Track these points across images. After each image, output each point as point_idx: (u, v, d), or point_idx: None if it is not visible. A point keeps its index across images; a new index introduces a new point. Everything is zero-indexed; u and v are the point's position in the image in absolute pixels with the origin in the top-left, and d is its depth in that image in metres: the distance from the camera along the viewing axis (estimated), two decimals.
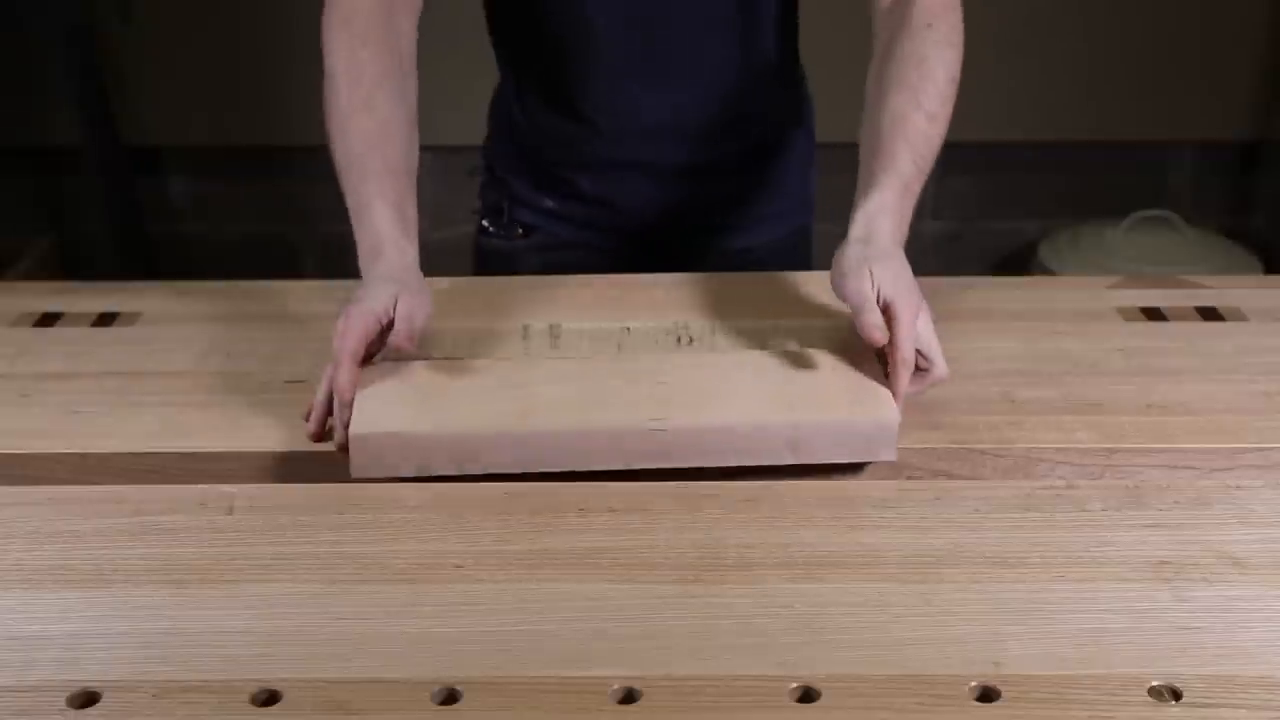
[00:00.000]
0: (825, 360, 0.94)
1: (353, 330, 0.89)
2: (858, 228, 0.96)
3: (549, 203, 1.30)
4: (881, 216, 0.96)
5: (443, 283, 1.11)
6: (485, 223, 1.36)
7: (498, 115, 1.33)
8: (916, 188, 0.99)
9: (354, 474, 0.87)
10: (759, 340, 1.01)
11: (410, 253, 0.96)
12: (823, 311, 1.05)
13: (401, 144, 1.00)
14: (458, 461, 0.87)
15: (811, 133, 1.35)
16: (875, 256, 0.93)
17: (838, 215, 1.09)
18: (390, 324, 0.91)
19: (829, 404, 0.89)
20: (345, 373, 0.88)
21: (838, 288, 0.93)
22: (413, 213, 0.99)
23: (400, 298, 0.91)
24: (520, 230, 1.33)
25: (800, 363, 0.94)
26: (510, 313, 1.07)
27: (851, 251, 0.94)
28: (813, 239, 1.39)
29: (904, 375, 0.90)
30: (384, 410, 0.88)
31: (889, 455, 0.88)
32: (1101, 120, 2.55)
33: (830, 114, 1.35)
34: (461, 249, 1.38)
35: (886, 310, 0.90)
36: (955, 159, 2.72)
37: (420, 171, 1.02)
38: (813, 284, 1.10)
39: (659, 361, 0.95)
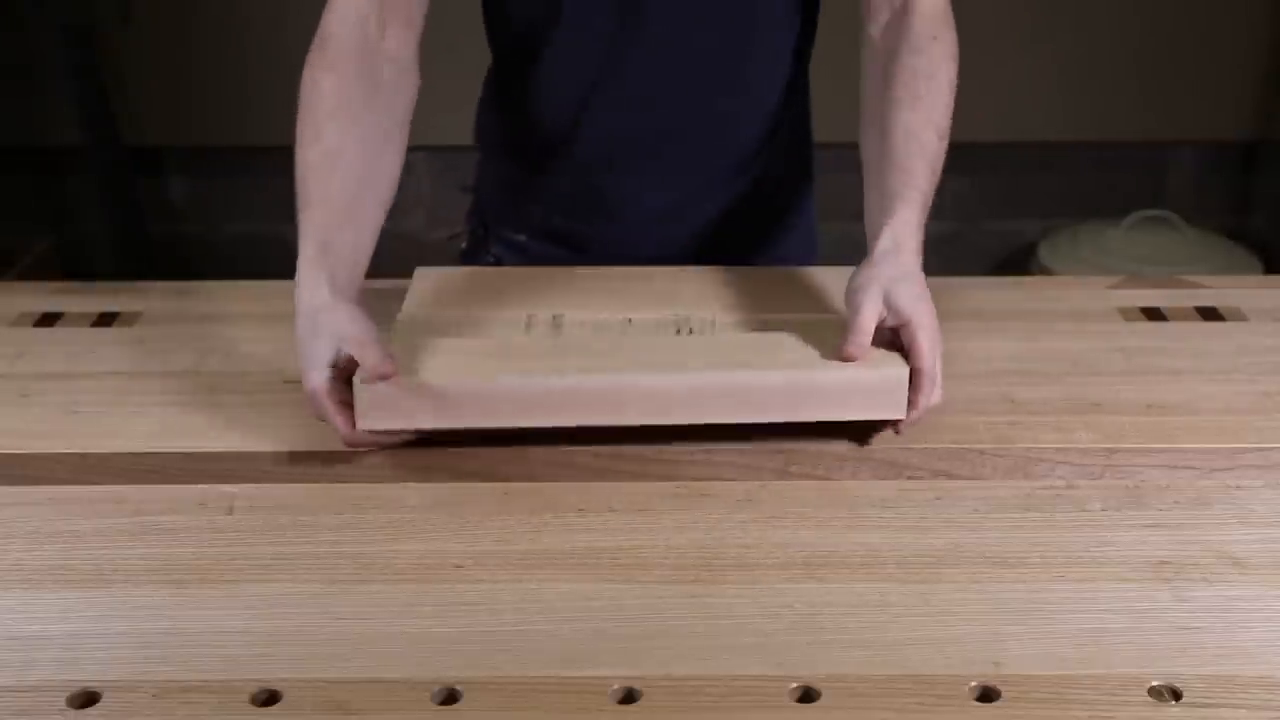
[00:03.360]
0: (831, 333, 0.93)
1: (326, 403, 0.88)
2: (884, 242, 0.94)
3: (521, 237, 1.25)
4: (907, 234, 0.95)
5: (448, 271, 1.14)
6: (464, 245, 1.31)
7: (483, 134, 1.28)
8: (929, 205, 0.98)
9: (360, 423, 0.87)
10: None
11: (322, 287, 0.92)
12: (827, 306, 1.05)
13: (341, 173, 0.98)
14: (464, 410, 0.88)
15: (811, 177, 1.30)
16: (899, 276, 0.91)
17: (837, 214, 1.09)
18: (346, 367, 0.89)
19: (833, 362, 0.89)
20: (357, 432, 0.88)
21: (849, 298, 0.92)
22: (346, 238, 0.97)
23: (341, 346, 0.88)
24: (493, 261, 1.27)
25: (805, 335, 0.93)
26: (515, 302, 1.07)
27: (874, 269, 0.92)
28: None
29: (925, 390, 0.88)
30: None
31: (898, 411, 0.88)
32: (1101, 120, 2.55)
33: (829, 114, 1.35)
34: (457, 248, 1.37)
35: (906, 329, 0.89)
36: (955, 159, 2.72)
37: (418, 171, 1.01)
38: (817, 279, 1.10)
39: (668, 340, 0.97)
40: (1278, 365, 1.02)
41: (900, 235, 0.94)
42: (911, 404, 0.89)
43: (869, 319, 0.89)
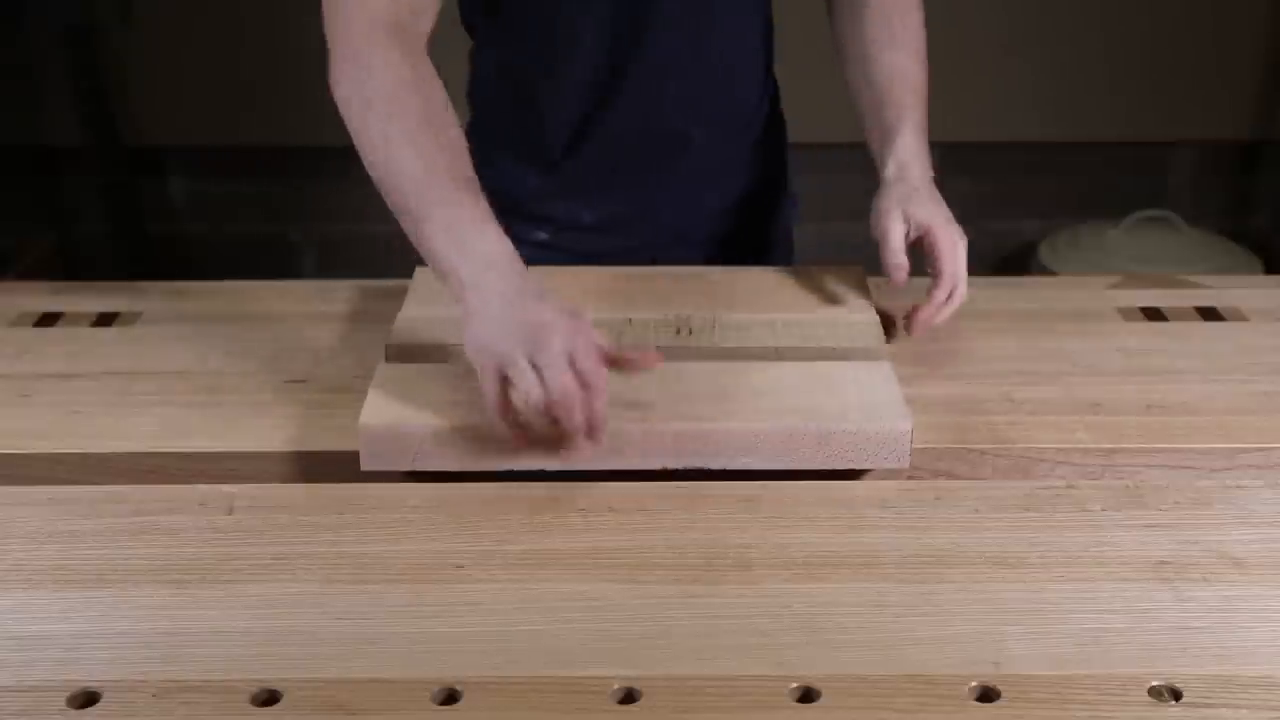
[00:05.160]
0: (842, 369, 0.95)
1: (587, 343, 0.83)
2: (890, 169, 1.07)
3: (543, 234, 1.23)
4: (910, 159, 1.07)
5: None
6: None
7: (485, 139, 1.28)
8: (925, 126, 1.10)
9: (363, 466, 0.87)
10: (759, 333, 1.01)
11: (523, 273, 0.89)
12: (822, 304, 1.06)
13: (453, 147, 0.93)
14: (465, 455, 0.87)
15: (784, 147, 1.33)
16: (910, 195, 1.04)
17: (816, 215, 1.10)
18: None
19: (845, 411, 0.89)
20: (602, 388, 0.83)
21: (874, 226, 1.04)
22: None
23: (575, 357, 0.83)
24: None
25: (816, 370, 0.95)
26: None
27: (887, 193, 1.05)
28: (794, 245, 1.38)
29: (945, 288, 1.01)
30: (392, 404, 0.89)
31: (900, 462, 0.88)
32: (1101, 120, 2.55)
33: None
34: None
35: (927, 235, 1.01)
36: (955, 159, 2.72)
37: None
38: (815, 279, 1.10)
39: (678, 369, 0.94)
40: (1278, 365, 1.02)
41: (903, 159, 1.07)
42: (931, 300, 1.01)
43: (897, 239, 1.02)
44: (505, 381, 0.83)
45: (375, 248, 2.60)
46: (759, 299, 1.07)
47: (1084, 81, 2.51)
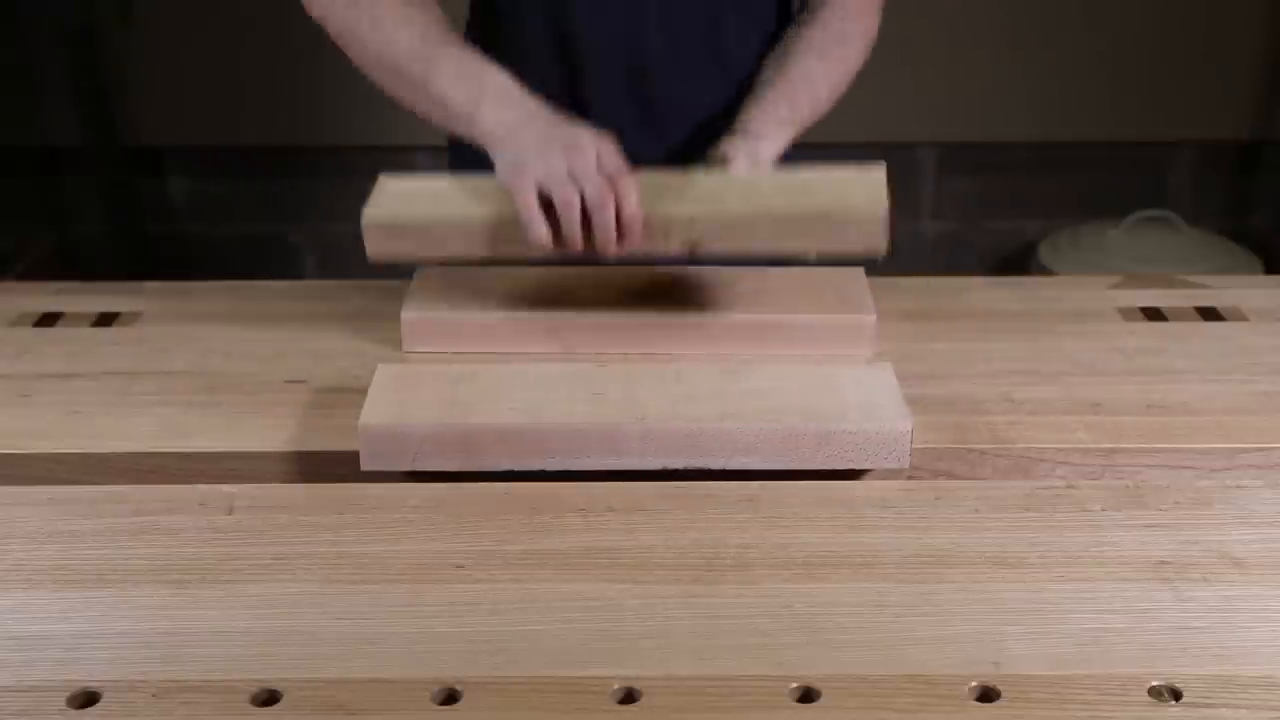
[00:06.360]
0: (844, 373, 0.95)
1: (612, 150, 0.94)
2: (741, 161, 1.03)
3: None
4: (765, 145, 1.05)
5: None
6: None
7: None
8: (798, 133, 1.11)
9: (363, 466, 0.88)
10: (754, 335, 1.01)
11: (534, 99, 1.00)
12: (822, 305, 1.06)
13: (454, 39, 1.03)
14: (464, 455, 0.88)
15: None
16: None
17: None
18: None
19: (845, 411, 0.89)
20: (633, 189, 0.93)
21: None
22: None
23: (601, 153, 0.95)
24: None
25: (820, 373, 0.94)
26: (514, 303, 1.07)
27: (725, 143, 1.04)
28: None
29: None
30: (391, 404, 0.89)
31: (900, 462, 0.88)
32: (1101, 120, 2.55)
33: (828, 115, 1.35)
34: None
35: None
36: (955, 159, 2.74)
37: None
38: (817, 277, 1.10)
39: (677, 370, 0.95)
40: (1278, 365, 1.02)
41: (761, 159, 1.04)
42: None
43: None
44: (541, 195, 0.92)
45: None
46: (758, 299, 1.07)
47: (1084, 81, 2.51)
